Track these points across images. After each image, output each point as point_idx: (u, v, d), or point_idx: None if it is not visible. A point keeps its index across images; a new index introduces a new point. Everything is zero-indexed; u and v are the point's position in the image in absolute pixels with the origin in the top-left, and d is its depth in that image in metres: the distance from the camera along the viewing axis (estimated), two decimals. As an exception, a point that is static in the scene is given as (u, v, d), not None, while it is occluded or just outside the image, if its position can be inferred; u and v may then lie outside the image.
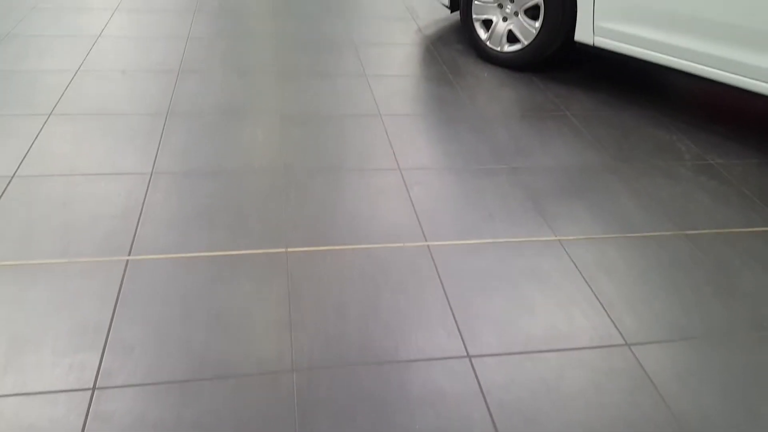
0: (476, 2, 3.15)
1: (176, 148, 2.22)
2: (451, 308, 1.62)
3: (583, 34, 2.82)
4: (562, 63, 3.26)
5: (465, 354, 1.48)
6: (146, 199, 1.93)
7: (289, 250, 1.77)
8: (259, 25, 3.42)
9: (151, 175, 2.06)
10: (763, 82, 2.36)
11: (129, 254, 1.70)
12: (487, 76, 3.06)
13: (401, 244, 1.84)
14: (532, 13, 2.96)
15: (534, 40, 2.98)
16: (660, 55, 2.60)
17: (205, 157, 2.18)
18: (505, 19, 3.09)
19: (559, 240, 1.92)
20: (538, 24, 2.94)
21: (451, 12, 3.46)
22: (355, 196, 2.05)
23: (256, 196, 2.00)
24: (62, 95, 2.50)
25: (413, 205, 2.03)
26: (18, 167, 2.03)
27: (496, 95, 2.88)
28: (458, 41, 3.45)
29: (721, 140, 2.64)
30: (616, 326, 1.61)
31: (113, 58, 2.87)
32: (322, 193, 2.04)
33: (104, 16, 3.34)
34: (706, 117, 2.84)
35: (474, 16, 3.20)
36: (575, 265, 1.82)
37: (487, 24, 3.17)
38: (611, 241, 1.95)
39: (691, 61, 2.52)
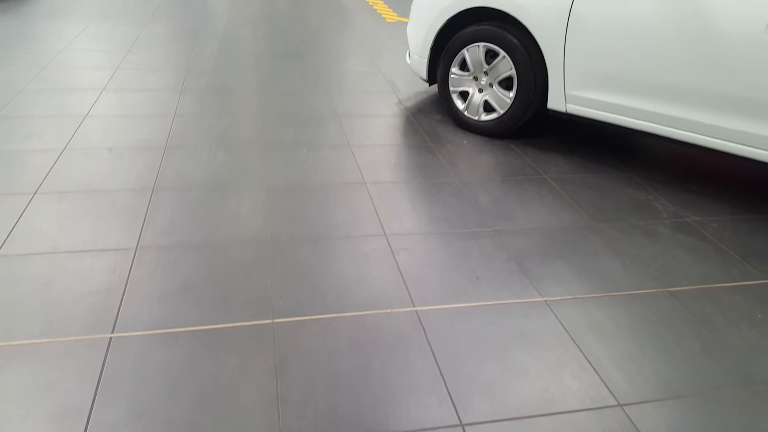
0: (453, 76, 3.30)
1: (161, 222, 2.23)
2: (442, 375, 1.60)
3: (555, 102, 2.95)
4: (539, 129, 3.39)
5: (458, 422, 1.45)
6: (130, 274, 1.93)
7: (276, 321, 1.76)
8: (246, 102, 3.53)
9: (136, 250, 2.06)
10: (728, 141, 2.47)
11: (112, 331, 1.67)
12: (466, 144, 3.17)
13: (389, 310, 1.84)
14: (506, 84, 3.11)
15: (509, 109, 3.11)
16: (629, 119, 2.73)
17: (191, 231, 2.19)
18: (480, 91, 3.23)
19: (545, 301, 1.94)
20: (512, 94, 3.07)
21: (430, 85, 3.61)
22: (341, 263, 2.06)
23: (242, 267, 2.00)
24: (48, 174, 2.53)
25: (400, 271, 2.04)
26: (1, 247, 2.03)
27: (476, 161, 2.97)
28: (437, 112, 3.58)
29: (695, 198, 2.72)
30: (607, 387, 1.60)
31: (100, 136, 2.93)
32: (309, 262, 2.05)
33: (92, 96, 3.43)
34: (679, 176, 2.94)
35: (451, 88, 3.34)
36: (563, 325, 1.82)
37: (464, 95, 3.31)
38: (597, 300, 1.96)
39: (659, 124, 2.64)
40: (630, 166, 3.01)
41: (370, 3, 6.76)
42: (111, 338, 1.65)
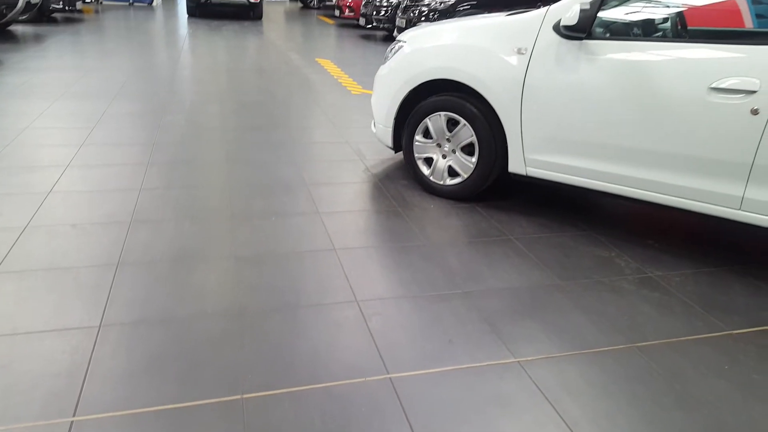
0: (417, 143, 3.41)
1: (126, 298, 2.18)
2: (417, 444, 1.56)
3: (515, 165, 3.06)
4: (502, 192, 3.49)
5: (436, 494, 1.41)
6: (93, 353, 1.86)
7: (245, 396, 1.71)
8: (213, 174, 3.56)
9: (100, 328, 1.99)
10: (679, 197, 2.59)
11: (73, 415, 1.60)
12: (433, 208, 3.23)
13: (363, 379, 1.81)
14: (468, 149, 3.22)
15: (472, 173, 3.21)
16: (585, 180, 2.84)
17: (156, 306, 2.15)
18: (444, 157, 3.34)
19: (518, 362, 1.94)
20: (474, 159, 3.18)
21: (396, 152, 3.72)
22: (313, 333, 2.03)
23: (210, 342, 1.96)
24: (8, 252, 2.47)
25: (373, 337, 2.02)
26: (-44, 330, 1.94)
27: (443, 224, 3.02)
28: (404, 177, 3.67)
29: (656, 254, 2.81)
30: (585, 448, 1.58)
31: (64, 212, 2.89)
32: (279, 333, 2.02)
33: (55, 172, 3.41)
34: (639, 233, 3.04)
35: (416, 155, 3.44)
36: (537, 386, 1.81)
37: (429, 161, 3.41)
38: (569, 359, 1.97)
39: (614, 184, 2.76)
40: (590, 225, 3.10)
41: (335, 77, 7.01)
42: (72, 422, 1.57)
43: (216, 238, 2.71)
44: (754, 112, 2.31)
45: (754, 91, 2.30)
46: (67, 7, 12.25)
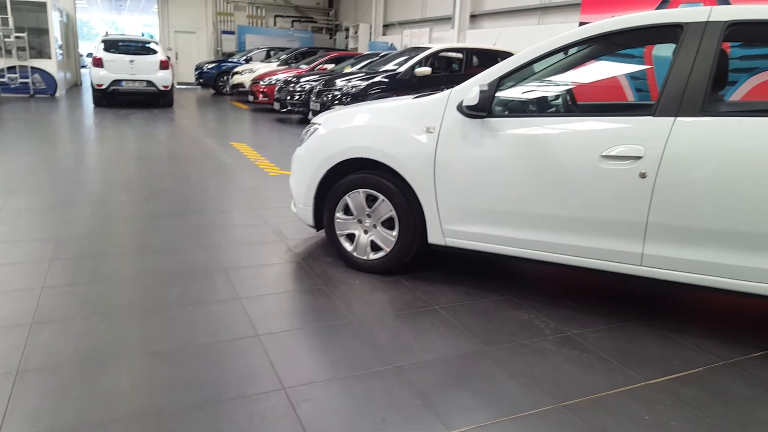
0: (338, 220, 3.45)
1: (27, 409, 1.98)
2: None
3: (434, 236, 3.16)
4: (425, 262, 3.56)
5: None
6: (-13, 477, 1.65)
7: (167, 506, 1.56)
8: (123, 265, 3.39)
9: (-5, 446, 1.78)
10: (585, 258, 2.76)
11: None
12: (358, 283, 3.23)
13: (294, 473, 1.71)
14: (388, 224, 3.30)
15: (394, 247, 3.27)
16: (500, 246, 2.98)
17: (62, 414, 1.95)
18: (366, 232, 3.39)
19: (453, 435, 1.92)
20: (395, 233, 3.26)
21: (317, 230, 3.73)
22: (237, 428, 1.92)
23: (126, 448, 1.79)
24: None
25: (303, 426, 1.94)
26: None
27: (369, 299, 3.02)
28: (327, 255, 3.67)
29: (572, 313, 2.94)
30: None
31: (-46, 318, 2.62)
32: None
33: (-54, 275, 3.12)
34: (555, 294, 3.19)
35: (338, 232, 3.48)
36: (473, 458, 1.80)
37: (351, 237, 3.45)
38: (500, 426, 1.98)
39: (526, 249, 2.90)
40: (509, 289, 3.22)
41: (251, 159, 7.03)
42: None
43: (128, 334, 2.55)
44: (642, 175, 2.55)
45: (640, 157, 2.55)
46: (-40, 101, 11.64)
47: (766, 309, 3.11)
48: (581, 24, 6.49)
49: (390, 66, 9.25)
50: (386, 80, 8.82)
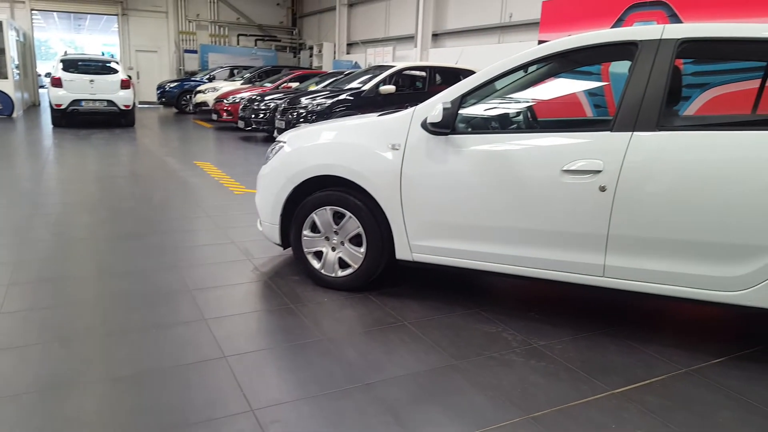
0: (305, 238, 3.43)
1: (-19, 441, 1.89)
2: None
3: (402, 252, 3.18)
4: (393, 278, 3.56)
5: None
6: None
7: None
8: (84, 288, 3.29)
9: (-54, 482, 1.69)
10: (550, 270, 2.81)
11: None
12: (327, 301, 3.21)
13: (264, 496, 1.67)
14: (356, 240, 3.30)
15: (362, 263, 3.27)
16: (466, 260, 3.01)
17: (20, 445, 1.87)
18: (334, 249, 3.38)
19: (424, 450, 1.91)
20: (363, 249, 3.26)
21: (284, 249, 3.70)
22: (206, 451, 1.87)
23: (87, 478, 1.73)
24: None
25: (272, 448, 1.90)
26: None
27: (338, 317, 3.00)
28: (295, 273, 3.64)
29: (538, 324, 2.98)
30: None
31: None
32: (168, 457, 1.84)
33: None
34: (521, 306, 3.23)
35: (305, 249, 3.46)
36: (445, 473, 1.79)
37: (319, 255, 3.43)
38: (472, 439, 1.98)
39: (492, 262, 2.94)
40: (477, 303, 3.25)
41: (216, 178, 6.95)
42: None
43: (90, 360, 2.47)
44: (602, 189, 2.63)
45: (599, 171, 2.63)
46: None
47: (724, 317, 3.22)
48: (540, 42, 6.69)
49: (355, 84, 9.32)
50: (351, 98, 8.88)
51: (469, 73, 8.58)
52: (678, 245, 2.56)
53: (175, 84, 17.62)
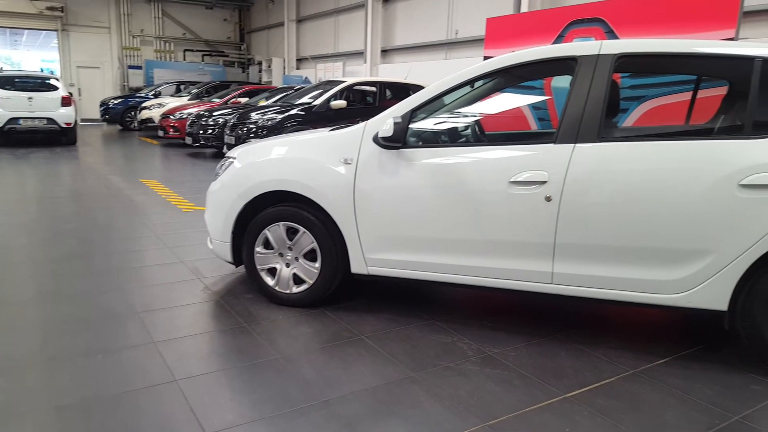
0: (258, 255, 3.38)
1: None
2: None
3: (357, 266, 3.17)
4: (349, 292, 3.55)
5: None
6: None
7: None
8: (23, 314, 3.12)
9: None
10: (500, 279, 2.87)
11: None
12: (281, 318, 3.17)
13: None
14: (311, 256, 3.27)
15: (317, 279, 3.25)
16: (421, 272, 3.04)
17: (-46, 485, 1.75)
18: (288, 265, 3.34)
19: (383, 465, 1.90)
20: (317, 265, 3.24)
21: (236, 266, 3.63)
22: (157, 479, 1.80)
23: None
24: None
25: (227, 471, 1.85)
26: None
27: (293, 334, 2.96)
28: (248, 291, 3.57)
29: (492, 332, 3.03)
30: None
31: None
32: (117, 488, 1.76)
33: None
34: (474, 315, 3.28)
35: (258, 266, 3.40)
36: (405, 486, 1.79)
37: (273, 271, 3.38)
38: (431, 450, 1.99)
39: (446, 273, 2.98)
40: (431, 314, 3.28)
41: (163, 196, 6.77)
42: None
43: (31, 388, 2.34)
44: (548, 199, 2.71)
45: (545, 182, 2.72)
46: None
47: (667, 318, 3.36)
48: (485, 58, 6.88)
49: (305, 99, 9.30)
50: (302, 113, 8.85)
51: (418, 88, 8.72)
52: (621, 251, 2.66)
53: (119, 100, 17.12)
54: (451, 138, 3.67)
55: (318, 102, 8.97)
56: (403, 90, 9.30)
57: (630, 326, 3.26)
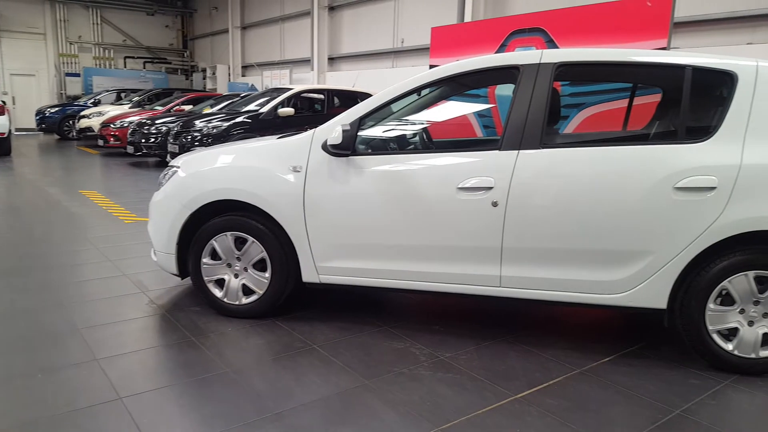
0: (205, 266, 3.29)
1: None
2: None
3: (308, 275, 3.14)
4: (301, 302, 3.51)
5: None
6: None
7: None
8: (-49, 335, 2.93)
9: None
10: (454, 284, 2.91)
11: None
12: (231, 330, 3.10)
13: None
14: (260, 265, 3.22)
15: (268, 289, 3.20)
16: (373, 279, 3.04)
17: None
18: (237, 276, 3.28)
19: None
20: (267, 275, 3.19)
21: (182, 279, 3.52)
22: (101, 504, 1.73)
23: None
24: None
25: (176, 491, 1.79)
26: None
27: (244, 346, 2.91)
28: (195, 304, 3.48)
29: (443, 337, 3.07)
30: None
31: None
32: None
33: None
34: (426, 320, 3.31)
35: (205, 278, 3.32)
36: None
37: (221, 282, 3.30)
38: (386, 457, 1.99)
39: (397, 279, 3.00)
40: (384, 320, 3.28)
41: (104, 207, 6.51)
42: None
43: (-40, 416, 2.20)
44: (494, 204, 2.78)
45: (491, 188, 2.78)
46: None
47: (610, 318, 3.49)
48: (431, 67, 6.99)
49: (252, 106, 9.17)
50: (249, 121, 8.72)
51: (366, 95, 8.76)
52: (565, 254, 2.75)
53: (57, 109, 16.37)
54: (400, 145, 3.70)
55: (265, 109, 8.87)
56: (351, 98, 9.31)
57: (577, 326, 3.36)
